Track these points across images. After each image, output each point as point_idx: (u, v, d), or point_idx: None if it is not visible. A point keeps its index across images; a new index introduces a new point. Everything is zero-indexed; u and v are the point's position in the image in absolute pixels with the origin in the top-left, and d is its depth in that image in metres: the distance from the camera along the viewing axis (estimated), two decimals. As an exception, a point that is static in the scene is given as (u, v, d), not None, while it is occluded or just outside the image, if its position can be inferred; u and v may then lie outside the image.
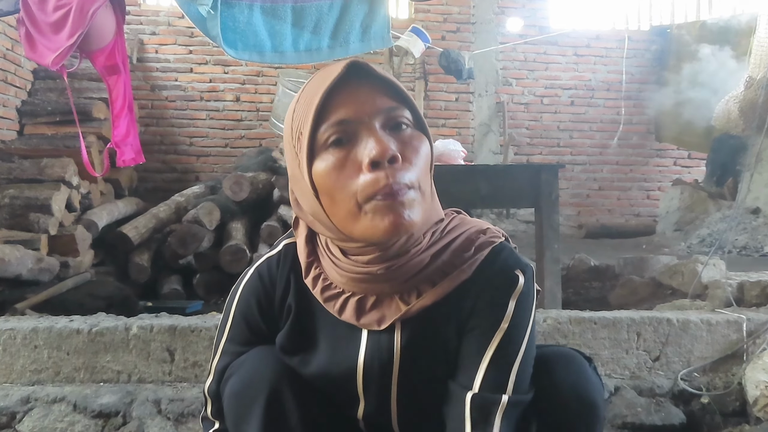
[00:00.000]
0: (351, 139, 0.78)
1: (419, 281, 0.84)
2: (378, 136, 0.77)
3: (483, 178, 2.59)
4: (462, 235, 0.87)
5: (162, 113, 5.40)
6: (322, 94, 0.78)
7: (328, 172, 0.78)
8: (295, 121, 0.82)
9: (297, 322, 0.90)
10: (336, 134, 0.78)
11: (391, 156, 0.76)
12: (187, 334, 1.73)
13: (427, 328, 0.85)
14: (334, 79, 0.78)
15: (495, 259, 0.86)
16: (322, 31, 2.60)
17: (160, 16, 5.37)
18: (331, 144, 0.78)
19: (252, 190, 4.04)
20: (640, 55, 6.07)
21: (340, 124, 0.78)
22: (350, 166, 0.78)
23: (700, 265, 2.48)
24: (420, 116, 0.83)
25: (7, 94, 4.23)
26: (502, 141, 5.79)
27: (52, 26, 2.52)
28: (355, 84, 0.79)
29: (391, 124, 0.80)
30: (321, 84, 0.79)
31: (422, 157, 0.81)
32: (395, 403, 0.88)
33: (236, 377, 0.87)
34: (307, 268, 0.89)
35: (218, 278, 3.74)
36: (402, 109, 0.81)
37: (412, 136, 0.81)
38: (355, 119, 0.78)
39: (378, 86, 0.81)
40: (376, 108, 0.79)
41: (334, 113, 0.78)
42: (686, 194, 5.02)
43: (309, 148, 0.79)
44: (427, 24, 5.41)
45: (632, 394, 1.73)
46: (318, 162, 0.79)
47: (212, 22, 2.41)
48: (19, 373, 1.72)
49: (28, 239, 3.21)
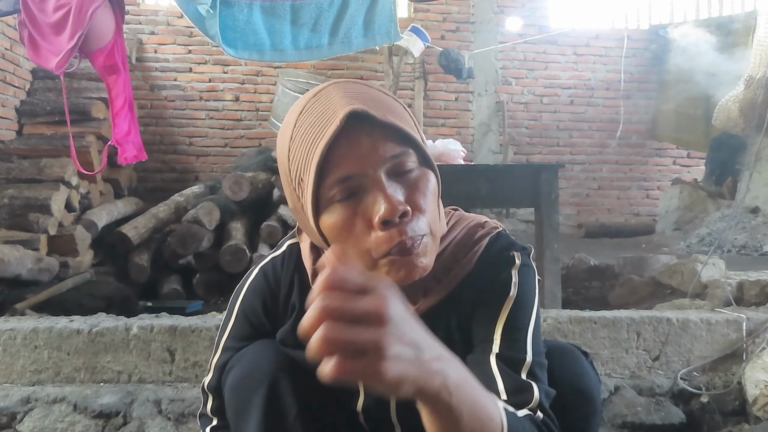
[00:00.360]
0: (358, 193, 0.76)
1: (425, 280, 0.84)
2: (385, 191, 0.74)
3: (483, 178, 2.59)
4: (463, 230, 0.89)
5: (161, 113, 5.39)
6: (321, 151, 0.74)
7: (338, 229, 0.77)
8: (293, 163, 0.79)
9: (300, 319, 0.91)
10: (341, 192, 0.76)
11: (401, 212, 0.74)
12: (188, 334, 1.73)
13: (429, 321, 0.86)
14: (333, 132, 0.74)
15: (492, 246, 0.88)
16: (321, 28, 2.59)
17: (159, 15, 5.37)
18: (337, 201, 0.76)
19: (252, 190, 4.03)
20: (640, 55, 6.07)
21: (345, 180, 0.75)
22: (360, 223, 0.76)
23: (700, 265, 2.48)
24: (425, 152, 0.80)
25: (5, 93, 4.22)
26: (501, 140, 5.79)
27: (53, 27, 2.52)
28: (356, 133, 0.75)
29: (397, 171, 0.77)
30: (317, 132, 0.76)
31: (430, 198, 0.79)
32: (394, 397, 0.88)
33: (236, 370, 0.88)
34: (314, 275, 0.90)
35: (218, 278, 3.74)
36: (407, 153, 0.78)
37: (418, 177, 0.79)
38: (360, 174, 0.75)
39: (380, 133, 0.76)
40: (379, 158, 0.75)
41: (336, 169, 0.75)
42: (685, 193, 5.02)
43: (314, 202, 0.77)
44: (426, 23, 5.41)
45: (632, 393, 1.74)
46: (326, 215, 0.78)
47: (211, 21, 2.41)
48: (20, 373, 1.72)
49: (27, 239, 3.21)
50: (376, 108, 0.76)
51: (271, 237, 3.76)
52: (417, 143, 0.79)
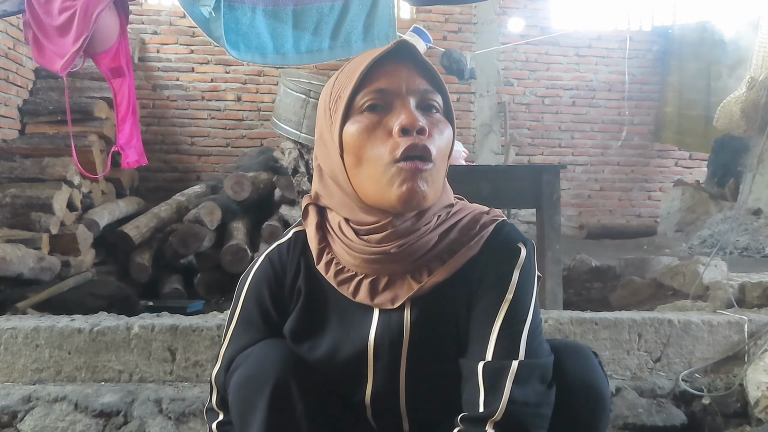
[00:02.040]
0: (385, 108, 0.85)
1: (429, 260, 0.88)
2: (410, 109, 0.84)
3: (484, 179, 2.58)
4: (467, 215, 0.92)
5: (163, 113, 5.40)
6: (366, 64, 0.84)
7: (359, 133, 0.84)
8: (336, 87, 0.89)
9: (307, 303, 0.92)
10: (372, 100, 0.85)
11: (420, 127, 0.83)
12: (189, 333, 1.73)
13: (437, 306, 0.88)
14: (381, 52, 0.85)
15: (498, 234, 0.91)
16: (322, 32, 2.61)
17: (161, 15, 5.37)
18: (367, 108, 0.85)
19: (253, 190, 4.04)
20: (642, 56, 6.06)
21: (379, 92, 0.85)
22: (381, 131, 0.84)
23: (702, 266, 2.48)
24: (449, 105, 0.90)
25: (8, 93, 4.23)
26: (503, 141, 5.79)
27: (58, 29, 2.52)
28: (399, 61, 0.86)
29: (423, 104, 0.86)
30: (367, 57, 0.86)
31: (444, 140, 0.88)
32: (404, 381, 0.89)
33: (242, 369, 0.88)
34: (319, 255, 0.91)
35: (219, 278, 3.75)
36: (436, 95, 0.88)
37: (440, 120, 0.88)
38: (393, 90, 0.85)
39: (419, 69, 0.88)
40: (414, 86, 0.86)
41: (375, 82, 0.85)
42: (687, 195, 5.01)
43: (345, 110, 0.85)
44: (428, 24, 5.41)
45: (633, 394, 1.73)
46: (350, 124, 0.85)
47: (216, 24, 2.42)
48: (21, 372, 1.72)
49: (29, 238, 3.21)
50: (419, 51, 0.89)
51: (272, 237, 3.76)
52: (445, 92, 0.89)
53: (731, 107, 4.22)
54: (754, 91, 4.05)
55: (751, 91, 4.08)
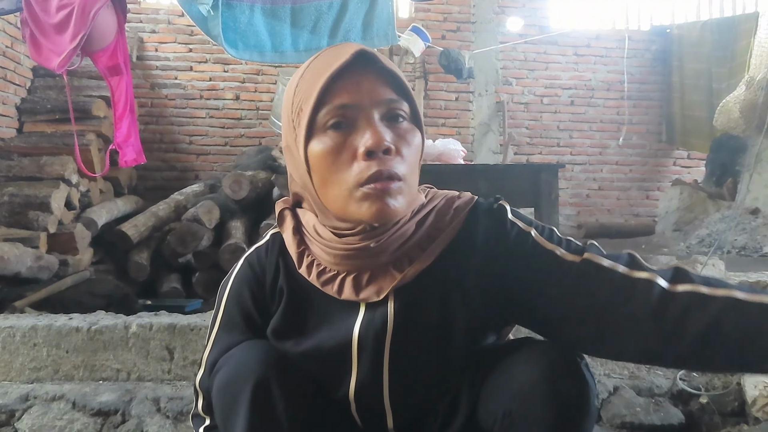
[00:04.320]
0: (349, 125, 0.82)
1: (409, 249, 0.87)
2: (375, 126, 0.81)
3: (483, 178, 2.59)
4: (441, 200, 0.92)
5: (161, 111, 5.39)
6: (327, 77, 0.81)
7: (324, 155, 0.82)
8: (297, 96, 0.85)
9: (290, 302, 0.92)
10: (335, 118, 0.81)
11: (385, 148, 0.80)
12: (186, 332, 1.73)
13: (421, 294, 0.88)
14: (341, 64, 0.81)
15: (476, 209, 0.91)
16: (321, 30, 2.61)
17: (159, 14, 5.36)
18: (330, 127, 0.82)
19: (251, 189, 4.03)
20: (640, 55, 6.07)
21: (341, 108, 0.81)
22: (345, 153, 0.81)
23: (700, 266, 2.48)
24: (416, 110, 0.87)
25: (6, 91, 4.22)
26: (501, 140, 5.78)
27: (56, 27, 2.52)
28: (360, 71, 0.82)
29: (389, 115, 0.83)
30: (327, 66, 0.82)
31: (413, 151, 0.85)
32: (387, 373, 0.88)
33: (223, 372, 0.88)
34: (299, 258, 0.91)
35: (217, 277, 3.74)
36: (401, 103, 0.84)
37: (407, 129, 0.85)
38: (356, 105, 0.81)
39: (382, 77, 0.84)
40: (377, 98, 0.82)
41: (336, 97, 0.81)
42: (685, 194, 5.02)
43: (308, 127, 0.82)
44: (427, 23, 5.41)
45: (631, 393, 1.74)
46: (315, 142, 0.83)
47: (213, 22, 2.42)
48: (19, 370, 1.72)
49: (27, 237, 3.21)
50: (381, 57, 0.84)
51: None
52: (411, 97, 0.86)
53: (730, 107, 4.22)
54: (752, 90, 4.05)
55: (749, 90, 4.09)
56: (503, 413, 0.81)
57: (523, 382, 0.81)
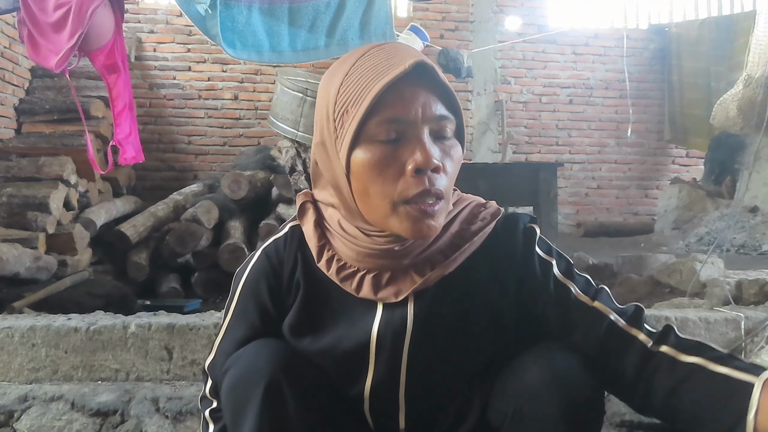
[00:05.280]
0: (399, 140, 0.80)
1: (432, 254, 0.87)
2: (425, 144, 0.80)
3: (482, 177, 2.59)
4: (466, 207, 0.92)
5: (160, 112, 5.39)
6: (382, 85, 0.78)
7: (371, 166, 0.80)
8: (342, 95, 0.82)
9: (306, 297, 0.91)
10: (386, 133, 0.80)
11: (434, 167, 0.80)
12: (186, 332, 1.72)
13: (440, 300, 0.88)
14: (399, 74, 0.78)
15: (505, 227, 0.93)
16: (318, 30, 2.60)
17: (158, 14, 5.36)
18: (381, 139, 0.80)
19: (250, 189, 4.03)
20: (639, 54, 6.07)
21: (393, 122, 0.79)
22: (393, 167, 0.80)
23: (699, 264, 2.48)
24: (462, 126, 0.87)
25: (4, 92, 4.22)
26: (500, 139, 5.79)
27: (53, 26, 2.51)
28: (415, 82, 0.80)
29: (437, 131, 0.82)
30: (380, 72, 0.80)
31: (455, 165, 0.86)
32: (404, 374, 0.89)
33: (233, 371, 0.87)
34: (320, 252, 0.90)
35: (216, 277, 3.74)
36: (451, 120, 0.84)
37: (452, 145, 0.85)
38: (408, 119, 0.80)
39: (437, 91, 0.82)
40: (430, 114, 0.81)
41: (390, 108, 0.79)
42: (684, 193, 5.02)
43: (355, 133, 0.80)
44: (425, 22, 5.41)
45: (630, 392, 1.73)
46: (361, 150, 0.81)
47: (212, 22, 2.41)
48: (17, 371, 1.71)
49: (26, 238, 3.20)
50: (438, 71, 0.83)
51: (269, 236, 3.73)
52: (460, 114, 0.86)
53: (727, 104, 4.22)
54: (750, 88, 4.05)
55: (747, 88, 4.08)
56: (513, 411, 0.83)
57: (533, 380, 0.82)
